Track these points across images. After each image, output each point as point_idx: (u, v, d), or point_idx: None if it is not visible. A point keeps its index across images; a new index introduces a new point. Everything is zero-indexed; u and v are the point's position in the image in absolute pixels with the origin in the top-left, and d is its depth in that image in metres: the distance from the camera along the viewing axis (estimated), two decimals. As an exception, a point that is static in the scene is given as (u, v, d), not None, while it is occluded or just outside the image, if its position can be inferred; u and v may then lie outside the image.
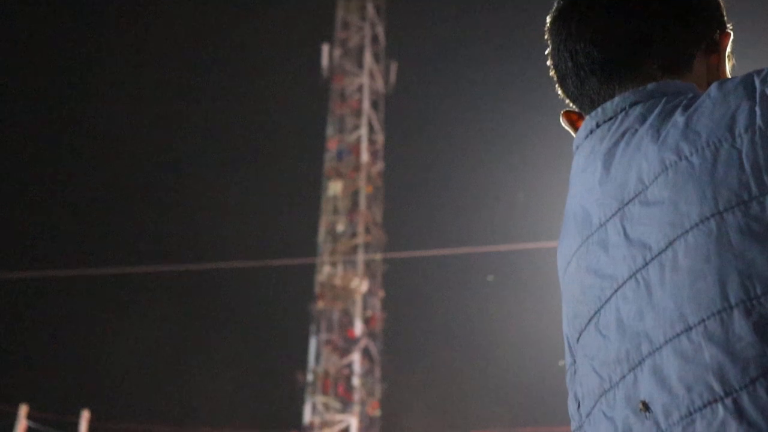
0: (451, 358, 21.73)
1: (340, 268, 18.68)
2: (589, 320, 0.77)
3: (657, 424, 0.67)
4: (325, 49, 19.61)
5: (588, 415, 0.77)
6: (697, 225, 0.67)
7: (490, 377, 21.82)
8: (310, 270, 18.77)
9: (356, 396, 18.45)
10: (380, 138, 19.81)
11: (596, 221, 0.77)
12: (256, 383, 23.81)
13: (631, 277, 0.72)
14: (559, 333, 0.88)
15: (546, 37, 0.89)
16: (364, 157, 19.07)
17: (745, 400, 0.61)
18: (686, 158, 0.69)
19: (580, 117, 0.86)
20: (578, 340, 0.79)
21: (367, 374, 18.82)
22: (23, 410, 11.95)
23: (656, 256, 0.70)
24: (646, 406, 0.68)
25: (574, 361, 0.82)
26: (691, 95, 0.74)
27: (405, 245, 21.12)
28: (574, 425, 0.82)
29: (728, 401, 0.62)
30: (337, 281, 18.51)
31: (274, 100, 24.24)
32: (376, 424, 18.70)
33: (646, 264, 0.70)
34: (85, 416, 11.78)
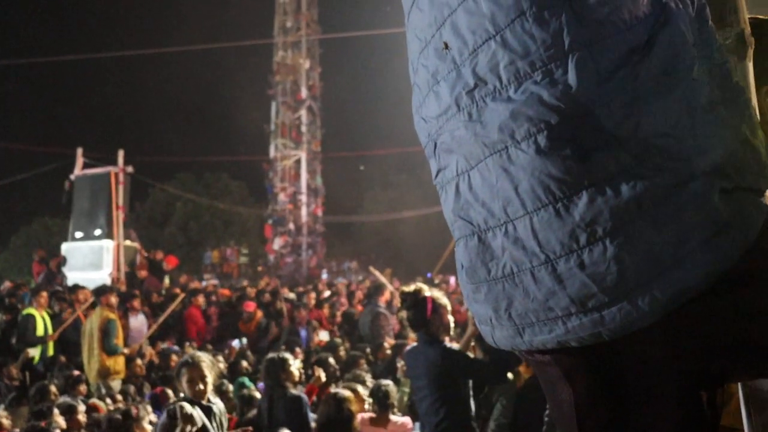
0: (368, 111, 25.88)
1: (290, 52, 23.52)
2: (414, 5, 0.96)
3: (454, 60, 0.86)
4: None
5: (415, 72, 0.95)
6: None
7: (389, 105, 22.74)
8: (269, 54, 23.64)
9: (304, 138, 23.37)
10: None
11: None
12: (237, 132, 30.95)
13: None
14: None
15: None
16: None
17: (508, 34, 0.80)
18: None
19: None
20: (408, 19, 0.96)
21: (310, 123, 23.71)
22: (79, 152, 13.69)
23: None
24: (446, 45, 0.85)
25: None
26: None
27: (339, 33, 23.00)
28: (415, 95, 0.97)
29: (498, 38, 0.80)
30: (288, 61, 23.45)
31: None
32: (318, 157, 24.12)
33: None
34: (120, 154, 12.84)
